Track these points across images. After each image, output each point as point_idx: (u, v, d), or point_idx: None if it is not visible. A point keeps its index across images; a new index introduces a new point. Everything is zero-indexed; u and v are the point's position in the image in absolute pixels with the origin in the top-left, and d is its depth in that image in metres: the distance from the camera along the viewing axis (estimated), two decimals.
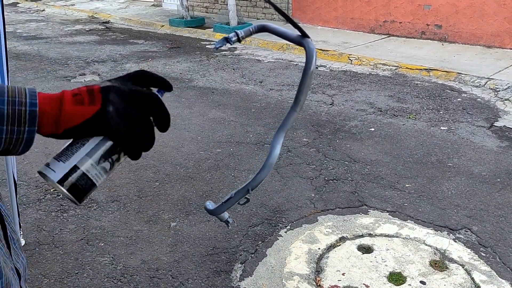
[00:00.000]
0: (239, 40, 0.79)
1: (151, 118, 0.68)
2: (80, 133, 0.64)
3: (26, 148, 0.62)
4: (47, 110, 0.62)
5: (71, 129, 0.63)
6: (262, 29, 0.80)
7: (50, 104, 0.63)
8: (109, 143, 0.65)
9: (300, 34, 0.76)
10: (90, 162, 0.64)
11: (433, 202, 3.38)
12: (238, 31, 0.79)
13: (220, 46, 0.78)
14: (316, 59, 0.77)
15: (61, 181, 0.63)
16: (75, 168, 0.63)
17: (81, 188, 0.64)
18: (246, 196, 0.84)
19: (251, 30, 0.79)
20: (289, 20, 0.76)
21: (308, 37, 0.76)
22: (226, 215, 0.91)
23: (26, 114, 0.59)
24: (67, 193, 0.63)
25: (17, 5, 14.20)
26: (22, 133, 0.60)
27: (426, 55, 7.27)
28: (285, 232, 3.07)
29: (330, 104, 5.46)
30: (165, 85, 0.71)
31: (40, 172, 0.64)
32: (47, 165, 0.64)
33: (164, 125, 0.69)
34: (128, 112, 0.64)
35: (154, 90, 0.71)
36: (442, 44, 7.90)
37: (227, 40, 0.76)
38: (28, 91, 0.61)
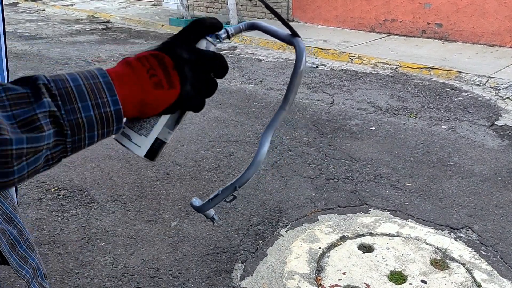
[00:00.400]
0: (228, 37, 0.79)
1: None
2: (164, 112, 0.65)
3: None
4: (128, 100, 0.60)
5: (152, 116, 0.65)
6: (252, 27, 0.79)
7: (131, 93, 0.60)
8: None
9: (290, 33, 0.76)
10: (167, 131, 0.69)
11: (434, 201, 3.38)
12: (228, 28, 0.78)
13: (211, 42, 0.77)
14: (306, 59, 0.76)
15: (146, 154, 0.68)
16: (156, 140, 0.68)
17: (157, 152, 0.70)
18: (233, 193, 0.84)
19: (241, 27, 0.79)
20: (279, 18, 0.76)
21: (298, 36, 0.76)
22: (212, 212, 0.90)
23: (113, 115, 0.58)
24: (145, 158, 0.69)
25: (17, 5, 14.20)
26: (111, 132, 0.60)
27: (426, 54, 7.26)
28: (286, 231, 3.07)
29: (331, 103, 5.46)
30: (217, 28, 0.70)
31: (119, 142, 0.67)
32: (128, 138, 0.67)
33: (223, 75, 0.69)
34: (199, 82, 0.65)
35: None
36: (443, 43, 7.89)
37: (217, 36, 0.76)
38: (105, 85, 0.58)
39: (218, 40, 0.73)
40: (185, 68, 0.63)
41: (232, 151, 4.22)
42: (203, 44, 0.68)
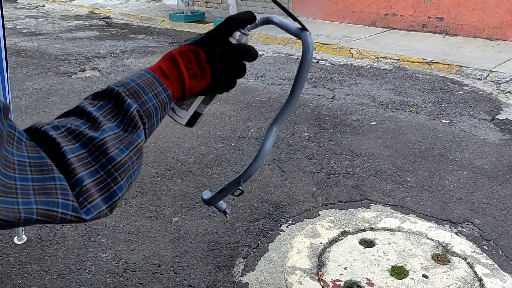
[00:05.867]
0: (245, 35, 0.81)
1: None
2: (198, 94, 0.81)
3: None
4: (175, 89, 0.75)
5: (191, 96, 0.80)
6: (267, 21, 0.82)
7: (174, 81, 0.74)
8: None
9: (300, 27, 0.76)
10: (204, 106, 0.83)
11: (435, 196, 3.38)
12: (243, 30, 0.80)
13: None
14: (312, 53, 0.77)
15: (186, 124, 0.84)
16: (195, 113, 0.83)
17: (195, 121, 0.85)
18: (240, 187, 0.85)
19: (257, 23, 0.81)
20: (287, 12, 0.77)
21: (307, 30, 0.76)
22: (224, 205, 0.93)
23: (166, 99, 0.72)
24: (185, 126, 0.85)
25: (17, 1, 14.17)
26: (166, 113, 0.75)
27: (427, 48, 7.24)
28: (287, 226, 3.07)
29: (331, 98, 5.44)
30: (249, 21, 0.79)
31: (167, 114, 0.80)
32: (173, 110, 0.82)
33: (253, 59, 0.79)
34: (229, 70, 0.78)
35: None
36: (444, 37, 7.86)
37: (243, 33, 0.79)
38: (153, 79, 0.71)
39: (248, 33, 0.80)
40: (216, 61, 0.76)
41: (233, 147, 4.22)
42: (236, 36, 0.78)
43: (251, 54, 0.78)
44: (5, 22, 2.31)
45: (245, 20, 0.78)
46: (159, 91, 0.71)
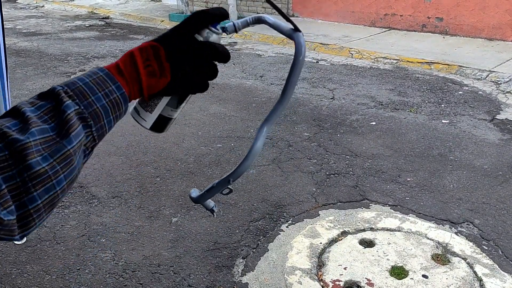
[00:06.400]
0: (235, 31, 0.80)
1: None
2: (159, 94, 0.75)
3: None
4: (132, 88, 0.71)
5: (152, 95, 0.74)
6: (259, 20, 0.80)
7: (133, 82, 0.70)
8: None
9: (292, 27, 0.76)
10: (170, 109, 0.78)
11: (434, 196, 3.38)
12: (235, 22, 0.79)
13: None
14: (305, 54, 0.76)
15: (151, 127, 0.79)
16: (159, 116, 0.78)
17: (163, 126, 0.80)
18: (229, 186, 0.85)
19: (248, 21, 0.80)
20: (281, 13, 0.76)
21: (299, 31, 0.76)
22: (211, 204, 0.92)
23: (120, 99, 0.68)
24: (153, 131, 0.80)
25: (16, 1, 14.16)
26: (123, 113, 0.70)
27: (427, 48, 7.24)
28: (287, 226, 3.07)
29: (331, 98, 5.44)
30: (220, 18, 0.73)
31: (132, 116, 0.79)
32: (138, 113, 0.78)
33: (225, 61, 0.74)
34: (192, 70, 0.72)
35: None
36: (443, 37, 7.86)
37: (223, 29, 0.77)
38: (106, 77, 0.67)
39: (219, 31, 0.75)
40: (177, 58, 0.71)
41: (233, 147, 4.22)
42: (204, 34, 0.73)
43: (218, 52, 0.72)
44: (4, 22, 2.31)
45: (214, 16, 0.73)
46: (110, 90, 0.66)
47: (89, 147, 0.65)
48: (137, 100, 0.77)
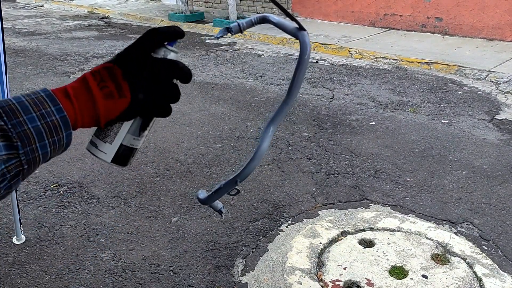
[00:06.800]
0: (240, 31, 0.79)
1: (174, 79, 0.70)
2: (119, 119, 0.68)
3: (67, 147, 0.65)
4: (81, 113, 0.65)
5: (110, 121, 0.68)
6: (263, 20, 0.79)
7: (84, 104, 0.65)
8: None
9: (297, 26, 0.75)
10: (132, 137, 0.71)
11: (434, 196, 3.37)
12: (240, 22, 0.78)
13: (222, 36, 0.78)
14: (310, 53, 0.76)
15: (113, 160, 0.72)
16: (121, 146, 0.71)
17: (126, 158, 0.72)
18: (236, 187, 0.84)
19: (252, 21, 0.79)
20: (286, 13, 0.76)
21: (304, 30, 0.75)
22: (219, 205, 0.90)
23: (59, 122, 0.61)
24: (115, 165, 0.72)
25: (16, 1, 14.15)
26: (62, 139, 0.62)
27: (426, 48, 7.24)
28: (286, 226, 3.07)
29: (331, 98, 5.44)
30: (175, 36, 0.70)
31: (89, 151, 0.72)
32: (95, 146, 0.71)
33: (186, 80, 0.70)
34: (154, 90, 0.67)
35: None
36: (443, 37, 7.86)
37: (228, 30, 0.76)
38: (46, 98, 0.61)
39: (230, 34, 0.74)
40: (135, 76, 0.66)
41: (232, 147, 4.22)
42: (160, 53, 0.68)
43: (178, 68, 0.67)
44: (3, 22, 2.31)
45: (168, 34, 0.68)
46: (48, 111, 0.60)
47: (11, 170, 0.57)
48: (93, 132, 0.71)
